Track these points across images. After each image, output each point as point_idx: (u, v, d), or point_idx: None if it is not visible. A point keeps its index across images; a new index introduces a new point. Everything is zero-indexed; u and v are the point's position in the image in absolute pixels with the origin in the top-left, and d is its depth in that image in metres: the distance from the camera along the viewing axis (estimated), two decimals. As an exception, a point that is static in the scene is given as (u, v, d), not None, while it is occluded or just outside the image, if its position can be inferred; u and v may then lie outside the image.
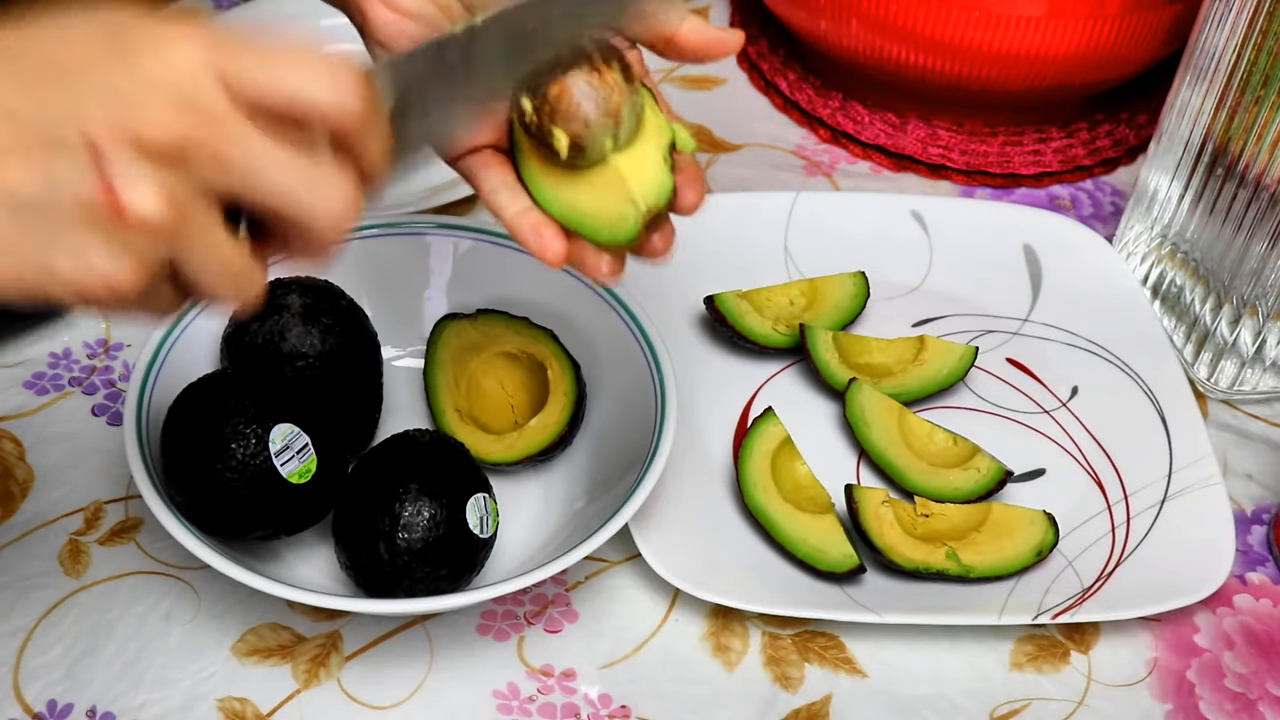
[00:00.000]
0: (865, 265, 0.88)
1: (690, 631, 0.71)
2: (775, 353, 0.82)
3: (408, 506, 0.65)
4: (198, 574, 0.71)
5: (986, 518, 0.74)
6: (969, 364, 0.81)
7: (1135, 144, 1.00)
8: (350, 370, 0.72)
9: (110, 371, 0.80)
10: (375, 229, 0.78)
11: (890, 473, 0.77)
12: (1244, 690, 0.71)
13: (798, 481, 0.75)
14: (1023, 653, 0.71)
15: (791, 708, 0.68)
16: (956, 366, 0.81)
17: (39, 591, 0.70)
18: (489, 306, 0.76)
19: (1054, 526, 0.73)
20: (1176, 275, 0.86)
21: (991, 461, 0.76)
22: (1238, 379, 0.83)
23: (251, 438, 0.64)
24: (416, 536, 0.65)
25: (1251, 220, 0.78)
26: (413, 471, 0.66)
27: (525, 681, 0.68)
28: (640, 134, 0.57)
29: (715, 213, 0.89)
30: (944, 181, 0.98)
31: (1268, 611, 0.74)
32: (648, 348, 0.73)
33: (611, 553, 0.73)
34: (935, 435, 0.78)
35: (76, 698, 0.66)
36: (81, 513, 0.73)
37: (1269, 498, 0.80)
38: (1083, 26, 0.88)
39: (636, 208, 0.57)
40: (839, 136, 1.00)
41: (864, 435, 0.77)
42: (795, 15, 0.96)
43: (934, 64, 0.91)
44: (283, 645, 0.69)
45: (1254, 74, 0.76)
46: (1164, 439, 0.79)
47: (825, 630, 0.71)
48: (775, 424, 0.76)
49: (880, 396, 0.78)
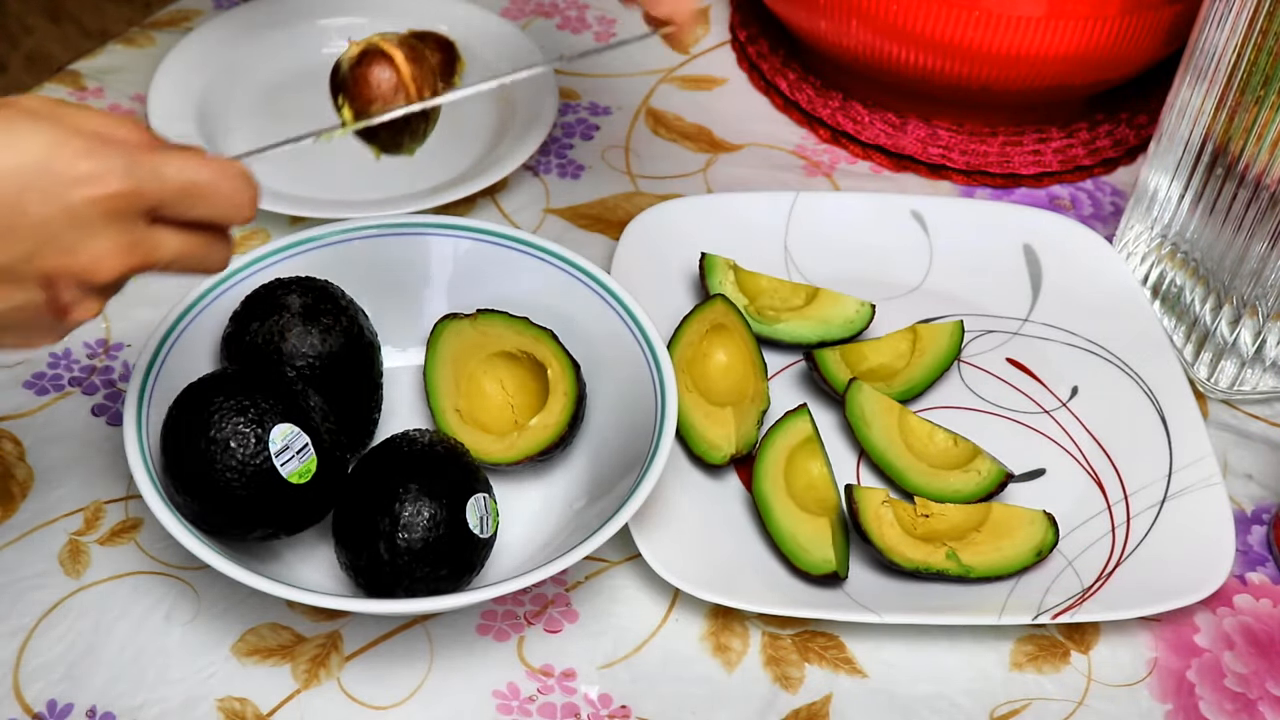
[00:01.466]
0: (865, 265, 0.88)
1: (690, 631, 0.71)
2: (776, 352, 0.82)
3: (408, 506, 0.65)
4: (198, 574, 0.71)
5: (986, 518, 0.74)
6: (959, 339, 0.82)
7: (1135, 144, 1.00)
8: (350, 370, 0.72)
9: (110, 371, 0.80)
10: (375, 229, 0.78)
11: (890, 474, 0.77)
12: (1244, 690, 0.71)
13: (811, 480, 0.75)
14: (1023, 653, 0.71)
15: (791, 708, 0.68)
16: (949, 345, 0.82)
17: (39, 591, 0.70)
18: (489, 307, 0.76)
19: (1054, 526, 0.73)
20: (1176, 275, 0.86)
21: (992, 463, 0.76)
22: (1238, 379, 0.83)
23: (251, 438, 0.64)
24: (416, 536, 0.65)
25: (1251, 220, 0.78)
26: (413, 471, 0.66)
27: (525, 681, 0.68)
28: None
29: (715, 213, 0.89)
30: (944, 181, 0.98)
31: (1268, 611, 0.74)
32: (648, 348, 0.73)
33: (611, 553, 0.73)
34: (936, 436, 0.78)
35: (76, 698, 0.66)
36: (81, 513, 0.73)
37: (1269, 498, 0.80)
38: (1083, 26, 0.88)
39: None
40: (839, 136, 1.00)
41: (864, 436, 0.77)
42: (795, 15, 0.97)
43: (934, 64, 0.91)
44: (283, 645, 0.69)
45: (1254, 74, 0.76)
46: (1164, 439, 0.79)
47: (825, 630, 0.71)
48: (804, 420, 0.76)
49: (880, 397, 0.78)
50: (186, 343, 0.72)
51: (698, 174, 0.96)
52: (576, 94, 1.01)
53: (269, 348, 0.70)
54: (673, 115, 1.00)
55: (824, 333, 0.83)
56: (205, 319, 0.73)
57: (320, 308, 0.71)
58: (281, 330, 0.70)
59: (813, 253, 0.89)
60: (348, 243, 0.78)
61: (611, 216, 0.92)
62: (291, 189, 0.90)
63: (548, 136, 0.95)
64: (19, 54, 1.51)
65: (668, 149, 0.98)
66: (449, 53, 0.97)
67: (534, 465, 0.74)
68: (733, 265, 0.83)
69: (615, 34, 1.07)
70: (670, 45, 0.71)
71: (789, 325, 0.83)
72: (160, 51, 0.99)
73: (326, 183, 0.92)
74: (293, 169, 0.92)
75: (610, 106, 1.01)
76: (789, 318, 0.83)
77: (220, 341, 0.73)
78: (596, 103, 1.01)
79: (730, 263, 0.83)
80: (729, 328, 0.80)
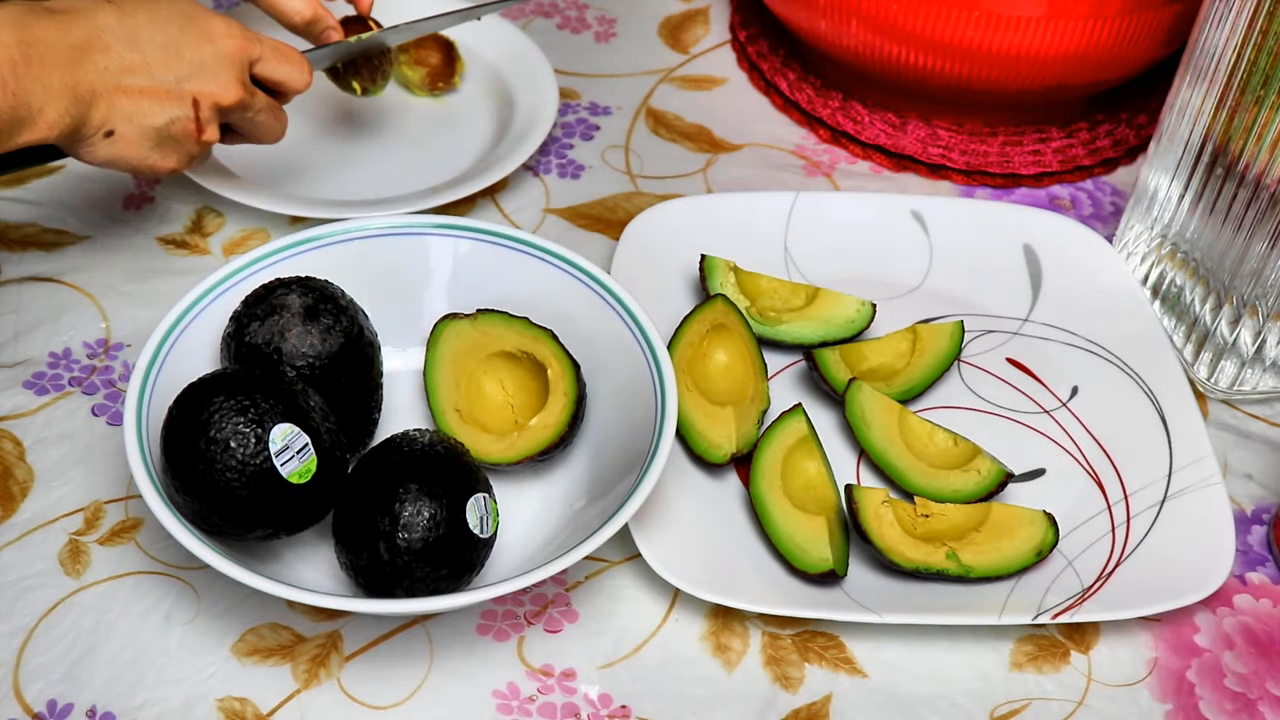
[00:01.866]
0: (865, 265, 0.88)
1: (690, 631, 0.71)
2: (776, 353, 0.82)
3: (408, 506, 0.65)
4: (198, 574, 0.71)
5: (986, 517, 0.74)
6: (959, 339, 0.82)
7: (1135, 144, 1.00)
8: (350, 370, 0.72)
9: (110, 371, 0.80)
10: (375, 229, 0.78)
11: (890, 473, 0.77)
12: (1244, 690, 0.71)
13: (808, 479, 0.75)
14: (1023, 653, 0.71)
15: (791, 708, 0.68)
16: (949, 346, 0.82)
17: (39, 591, 0.70)
18: (489, 306, 0.76)
19: (1054, 526, 0.73)
20: (1176, 275, 0.86)
21: (992, 463, 0.76)
22: (1238, 379, 0.83)
23: (251, 438, 0.64)
24: (417, 536, 0.65)
25: (1251, 220, 0.78)
26: (413, 471, 0.66)
27: (525, 681, 0.68)
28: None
29: (715, 213, 0.89)
30: (944, 181, 0.98)
31: (1268, 611, 0.74)
32: (648, 348, 0.73)
33: (611, 553, 0.73)
34: (935, 436, 0.78)
35: (76, 698, 0.66)
36: (81, 513, 0.73)
37: (1269, 498, 0.80)
38: (1083, 26, 0.88)
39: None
40: (839, 136, 1.00)
41: (864, 435, 0.77)
42: (795, 15, 0.97)
43: (934, 64, 0.91)
44: (283, 645, 0.69)
45: (1254, 74, 0.76)
46: (1164, 439, 0.79)
47: (825, 630, 0.71)
48: (800, 420, 0.76)
49: (880, 397, 0.78)
50: (186, 343, 0.72)
51: (698, 174, 0.96)
52: (576, 94, 1.01)
53: (269, 348, 0.70)
54: (673, 115, 1.00)
55: (825, 333, 0.83)
56: (205, 319, 0.73)
57: (320, 308, 0.71)
58: (282, 330, 0.70)
59: (813, 253, 0.89)
60: (348, 243, 0.78)
61: (611, 216, 0.92)
62: (291, 189, 0.90)
63: (548, 136, 0.95)
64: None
65: (668, 149, 0.98)
66: (449, 52, 0.98)
67: (534, 465, 0.74)
68: (733, 267, 0.83)
69: (615, 33, 1.07)
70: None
71: (790, 326, 0.83)
72: (160, 51, 0.99)
73: (326, 183, 0.92)
74: (293, 169, 0.92)
75: (610, 106, 1.01)
76: (790, 318, 0.83)
77: (220, 341, 0.73)
78: (596, 103, 1.01)
79: (730, 264, 0.83)
80: (729, 328, 0.80)
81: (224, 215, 0.89)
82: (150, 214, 0.89)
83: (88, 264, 0.86)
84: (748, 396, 0.78)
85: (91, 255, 0.86)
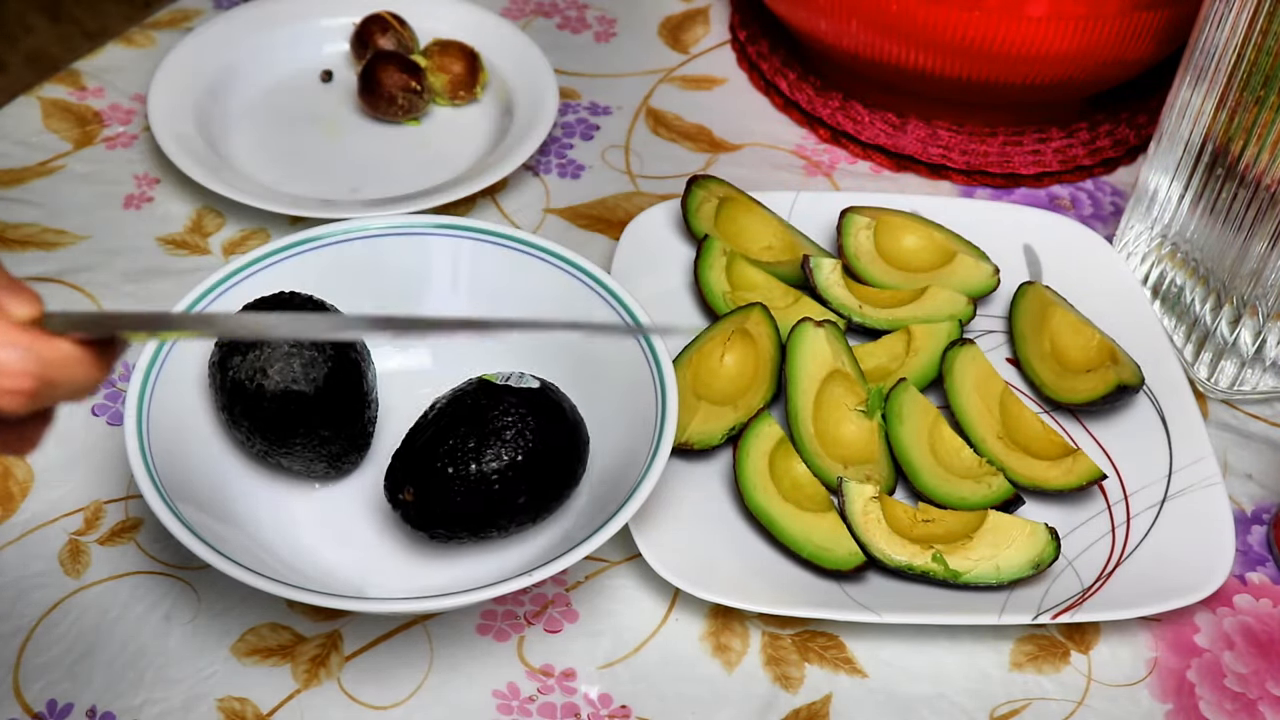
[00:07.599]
0: (865, 265, 0.88)
1: (690, 631, 0.71)
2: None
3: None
4: (198, 574, 0.71)
5: (981, 524, 0.73)
6: (957, 339, 0.81)
7: (1135, 144, 1.00)
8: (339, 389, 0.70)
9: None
10: (375, 230, 0.78)
11: (906, 469, 0.76)
12: (1244, 690, 0.71)
13: (796, 480, 0.75)
14: (1023, 653, 0.71)
15: (791, 707, 0.68)
16: (945, 346, 0.81)
17: (39, 591, 0.70)
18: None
19: (1055, 541, 0.71)
20: (1176, 275, 0.86)
21: (1004, 482, 0.75)
22: (1238, 379, 0.83)
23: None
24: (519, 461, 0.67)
25: (1251, 220, 0.78)
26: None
27: (525, 681, 0.68)
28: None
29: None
30: (944, 181, 0.98)
31: (1268, 611, 0.74)
32: (648, 348, 0.73)
33: (611, 553, 0.73)
34: (962, 453, 0.77)
35: (76, 698, 0.66)
36: (81, 513, 0.73)
37: (1269, 498, 0.80)
38: (1082, 26, 0.88)
39: None
40: (839, 136, 1.00)
41: (894, 431, 0.76)
42: (795, 15, 0.97)
43: (934, 64, 0.91)
44: (283, 645, 0.69)
45: (1254, 74, 0.76)
46: (1164, 439, 0.79)
47: (825, 630, 0.71)
48: (769, 424, 0.76)
49: (921, 398, 0.77)
50: (186, 343, 0.72)
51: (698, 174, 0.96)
52: (576, 94, 1.01)
53: (251, 385, 0.69)
54: (673, 115, 1.01)
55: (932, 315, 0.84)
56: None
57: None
58: (263, 367, 0.69)
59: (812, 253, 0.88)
60: (348, 243, 0.78)
61: (611, 216, 0.92)
62: (291, 189, 0.90)
63: (548, 136, 0.95)
64: (19, 54, 1.51)
65: (668, 149, 0.98)
66: (473, 61, 0.97)
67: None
68: (838, 264, 0.84)
69: (615, 33, 1.07)
70: None
71: (895, 313, 0.84)
72: (160, 51, 0.99)
73: (326, 183, 0.92)
74: (293, 169, 0.92)
75: (610, 106, 1.01)
76: (897, 311, 0.84)
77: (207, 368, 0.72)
78: (596, 103, 1.01)
79: (836, 262, 0.84)
80: (753, 336, 0.80)
81: (224, 215, 0.89)
82: (150, 214, 0.89)
83: (88, 264, 0.86)
84: (749, 398, 0.78)
85: (91, 255, 0.86)
